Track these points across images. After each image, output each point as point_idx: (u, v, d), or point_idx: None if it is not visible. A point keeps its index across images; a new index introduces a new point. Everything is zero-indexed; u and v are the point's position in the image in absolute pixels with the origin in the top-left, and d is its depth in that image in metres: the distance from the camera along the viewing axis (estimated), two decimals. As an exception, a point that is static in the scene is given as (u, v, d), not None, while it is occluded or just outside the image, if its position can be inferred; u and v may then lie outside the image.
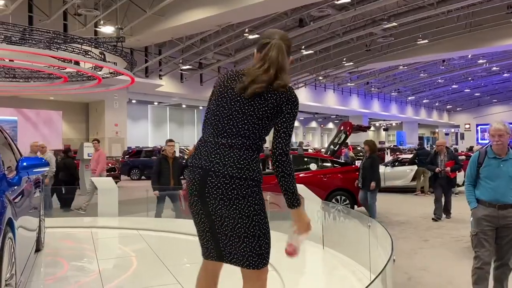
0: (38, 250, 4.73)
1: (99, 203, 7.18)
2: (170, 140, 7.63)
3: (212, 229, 2.13)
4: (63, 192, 8.67)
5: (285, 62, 2.13)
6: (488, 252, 3.60)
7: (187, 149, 25.40)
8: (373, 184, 7.62)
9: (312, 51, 26.29)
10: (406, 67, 34.56)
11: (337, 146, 11.66)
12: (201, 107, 40.69)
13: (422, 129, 60.79)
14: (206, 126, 2.19)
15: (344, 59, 28.83)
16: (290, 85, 2.11)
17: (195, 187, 2.09)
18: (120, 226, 6.76)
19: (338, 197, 8.43)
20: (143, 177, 19.75)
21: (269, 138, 2.15)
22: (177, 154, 18.14)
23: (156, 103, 37.58)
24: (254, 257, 2.12)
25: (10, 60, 16.39)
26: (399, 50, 27.28)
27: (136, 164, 20.52)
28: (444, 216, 8.44)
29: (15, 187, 3.20)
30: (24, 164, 3.40)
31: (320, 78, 34.51)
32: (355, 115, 43.17)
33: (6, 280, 2.46)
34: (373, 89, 43.62)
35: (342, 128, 11.43)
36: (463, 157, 14.29)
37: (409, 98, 50.23)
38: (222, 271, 2.35)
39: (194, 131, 42.44)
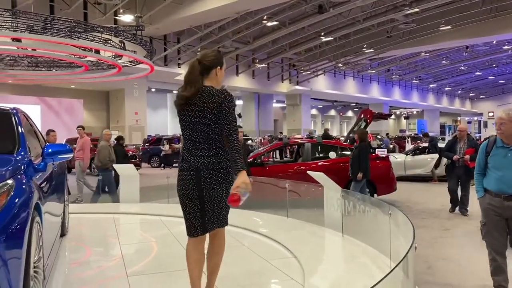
0: (63, 235, 4.86)
1: (121, 190, 7.30)
2: (239, 126, 7.44)
3: (202, 209, 2.82)
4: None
5: (191, 77, 2.82)
6: (498, 242, 3.54)
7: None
8: (360, 174, 7.33)
9: (331, 38, 25.97)
10: (428, 54, 33.85)
11: (357, 135, 11.55)
12: (219, 95, 40.71)
13: (443, 117, 59.71)
14: (184, 138, 2.89)
15: (365, 45, 28.40)
16: (221, 88, 2.82)
17: (192, 181, 2.78)
18: (142, 212, 6.87)
19: (358, 186, 8.37)
20: (162, 165, 19.97)
21: (287, 127, 2.21)
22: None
23: (175, 92, 37.69)
24: (226, 217, 3.00)
25: (32, 49, 16.68)
26: (421, 37, 26.71)
27: (156, 152, 20.75)
28: (458, 210, 7.76)
29: (41, 173, 3.28)
30: (49, 150, 3.48)
31: (340, 65, 34.10)
32: (375, 103, 42.63)
33: (34, 263, 2.54)
34: (394, 76, 42.94)
35: (362, 116, 11.32)
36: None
37: (431, 85, 49.30)
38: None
39: (212, 119, 42.49)
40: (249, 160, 8.62)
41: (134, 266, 3.99)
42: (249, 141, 22.92)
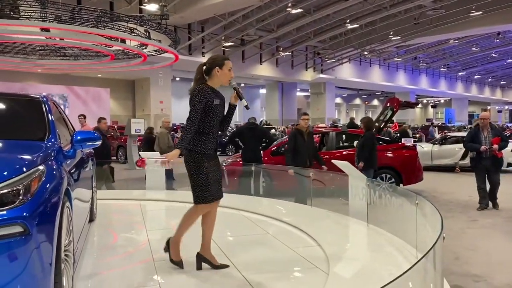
0: (91, 220, 4.99)
1: (147, 177, 7.42)
2: (305, 114, 7.13)
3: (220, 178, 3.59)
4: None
5: (195, 76, 3.51)
6: None
7: (229, 126, 25.39)
8: (360, 164, 7.04)
9: (357, 25, 25.52)
10: (457, 41, 32.87)
11: (383, 124, 11.38)
12: (242, 84, 40.70)
13: (472, 106, 58.16)
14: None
15: (391, 33, 27.80)
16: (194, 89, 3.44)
17: (216, 159, 3.58)
18: (167, 199, 6.97)
19: (383, 175, 8.27)
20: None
21: (310, 116, 2.18)
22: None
23: (199, 81, 37.82)
24: (194, 195, 3.57)
25: (60, 39, 17.00)
26: (450, 23, 25.88)
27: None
28: (490, 205, 7.27)
29: (71, 160, 3.36)
30: (78, 137, 3.56)
31: (365, 53, 33.53)
32: (401, 91, 41.84)
33: (65, 246, 2.61)
34: (421, 64, 41.96)
35: (388, 105, 11.10)
36: (507, 133, 13.55)
37: (460, 73, 47.98)
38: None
39: (236, 108, 42.59)
40: (272, 149, 8.62)
41: (160, 251, 4.06)
42: (272, 130, 22.87)
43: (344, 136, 9.65)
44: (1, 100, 3.81)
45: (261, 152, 8.16)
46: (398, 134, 17.84)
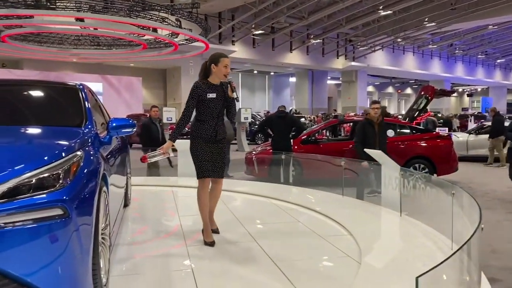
0: (126, 205, 5.11)
1: (179, 164, 7.52)
2: (375, 102, 6.88)
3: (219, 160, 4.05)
4: None
5: (199, 73, 4.05)
6: None
7: (258, 115, 25.52)
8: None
9: (390, 11, 24.83)
10: (496, 27, 31.50)
11: (417, 112, 11.11)
12: (272, 73, 40.56)
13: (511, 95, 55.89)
14: None
15: (426, 19, 26.91)
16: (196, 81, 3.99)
17: (218, 143, 4.02)
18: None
19: (417, 165, 8.10)
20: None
21: (341, 105, 2.15)
22: (249, 120, 18.37)
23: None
24: (196, 171, 4.16)
25: (94, 29, 17.37)
26: (489, 8, 24.78)
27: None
28: None
29: (106, 146, 3.44)
30: (114, 124, 3.63)
31: (399, 40, 32.67)
32: (436, 79, 40.64)
33: (102, 230, 2.68)
34: (457, 51, 40.57)
35: (423, 93, 10.82)
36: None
37: (498, 61, 46.11)
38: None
39: (265, 97, 42.58)
40: (303, 138, 8.56)
41: (192, 236, 4.13)
42: (302, 119, 22.73)
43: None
44: (40, 88, 3.94)
45: (291, 140, 8.13)
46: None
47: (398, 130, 8.77)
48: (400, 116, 21.43)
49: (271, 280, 3.08)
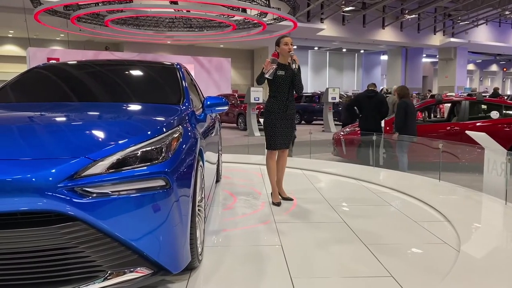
0: (217, 181, 5.32)
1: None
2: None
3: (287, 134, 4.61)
4: None
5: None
6: None
7: (346, 94, 24.94)
8: (395, 134, 6.74)
9: (498, -19, 22.51)
10: None
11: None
12: (362, 51, 39.14)
13: None
14: None
15: (541, -13, 24.00)
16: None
17: (287, 118, 4.58)
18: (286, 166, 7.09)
19: (524, 150, 7.34)
20: (302, 122, 20.28)
21: (437, 85, 1.98)
22: (337, 99, 18.00)
23: (316, 48, 37.34)
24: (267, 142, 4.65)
25: (187, 11, 18.06)
26: None
27: (297, 108, 21.06)
28: None
29: (202, 123, 3.58)
30: (209, 103, 3.77)
31: (507, 13, 29.52)
32: (549, 55, 36.27)
33: (198, 202, 2.82)
34: None
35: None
36: None
37: None
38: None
39: (353, 76, 41.33)
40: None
41: (281, 214, 4.19)
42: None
43: (479, 106, 8.72)
44: (142, 67, 4.19)
45: (382, 121, 7.80)
46: None
47: (504, 112, 8.00)
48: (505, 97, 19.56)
49: (362, 266, 3.01)
